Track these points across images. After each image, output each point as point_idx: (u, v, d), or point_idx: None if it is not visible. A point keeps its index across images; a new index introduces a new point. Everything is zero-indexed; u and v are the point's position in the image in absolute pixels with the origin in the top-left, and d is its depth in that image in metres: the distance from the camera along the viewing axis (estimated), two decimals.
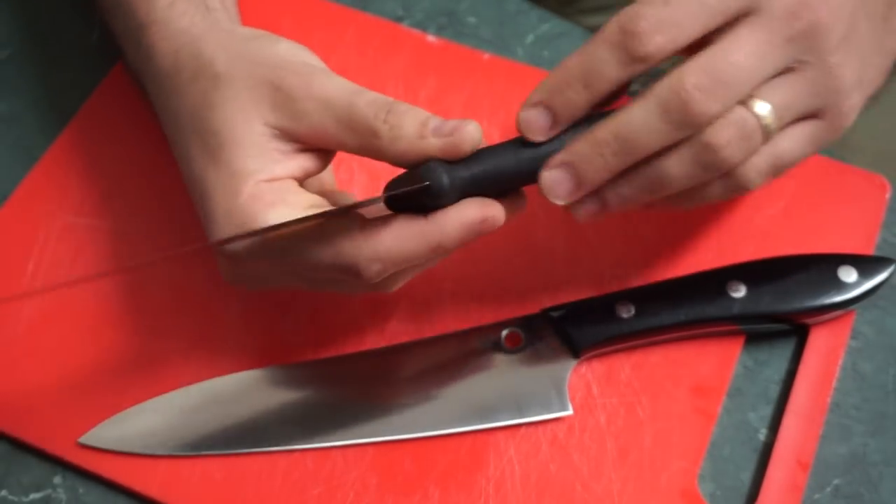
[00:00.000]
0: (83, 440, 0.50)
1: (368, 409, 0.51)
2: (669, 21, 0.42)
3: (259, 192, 0.44)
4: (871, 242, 0.55)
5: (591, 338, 0.51)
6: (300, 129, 0.45)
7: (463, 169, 0.44)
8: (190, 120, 0.47)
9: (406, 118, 0.43)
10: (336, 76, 0.46)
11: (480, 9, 0.64)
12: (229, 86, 0.46)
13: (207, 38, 0.49)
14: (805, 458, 0.50)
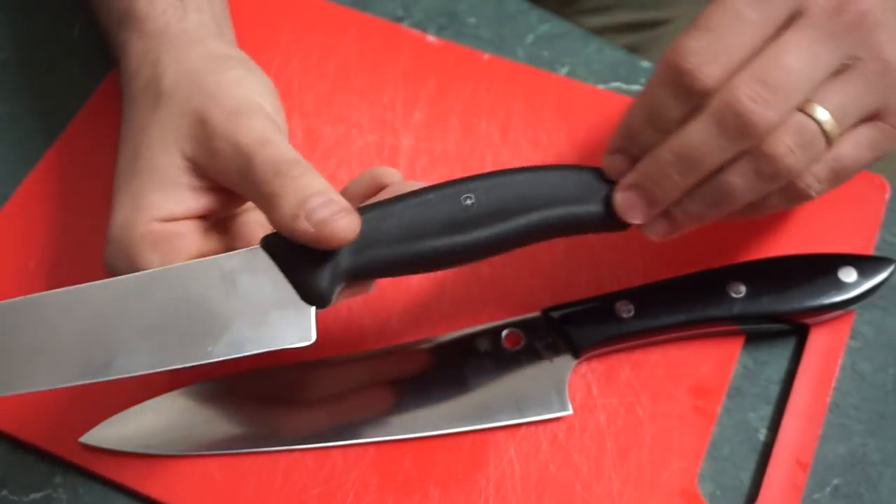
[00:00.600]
0: (84, 440, 0.50)
1: (368, 409, 0.51)
2: (716, 49, 0.42)
3: (150, 231, 0.45)
4: (871, 242, 0.55)
5: (591, 338, 0.51)
6: (211, 167, 0.45)
7: (347, 258, 0.43)
8: (129, 132, 0.48)
9: (289, 188, 0.42)
10: (262, 119, 0.45)
11: (480, 9, 0.64)
12: (165, 108, 0.46)
13: (170, 47, 0.48)
14: (804, 457, 0.50)
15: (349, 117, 0.60)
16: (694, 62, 0.42)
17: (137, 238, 0.45)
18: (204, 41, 0.50)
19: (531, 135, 0.59)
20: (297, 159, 0.43)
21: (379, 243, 0.44)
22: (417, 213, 0.44)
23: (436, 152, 0.59)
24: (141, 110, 0.47)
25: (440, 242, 0.44)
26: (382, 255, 0.44)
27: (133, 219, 0.45)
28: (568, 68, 0.62)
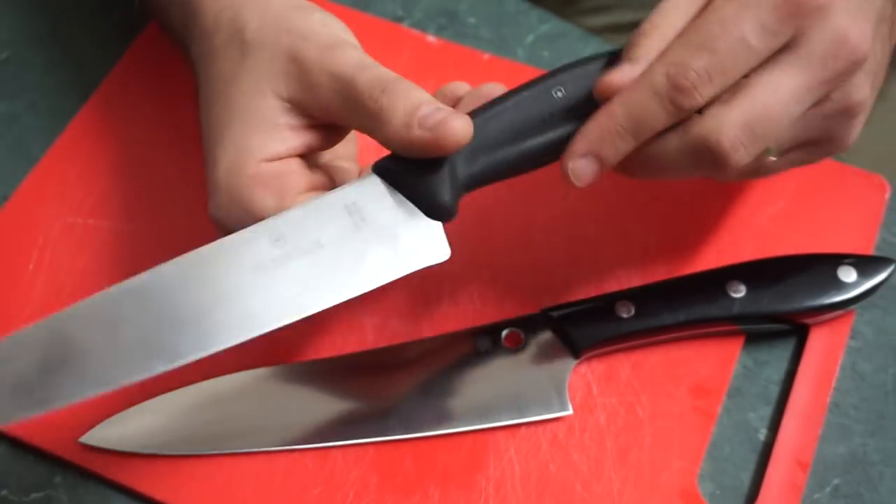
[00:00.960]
0: (84, 440, 0.50)
1: (368, 409, 0.51)
2: (717, 70, 0.42)
3: (259, 172, 0.45)
4: (871, 242, 0.55)
5: (591, 338, 0.51)
6: (310, 102, 0.45)
7: (463, 166, 0.44)
8: (216, 88, 0.47)
9: (399, 102, 0.43)
10: (355, 50, 0.45)
11: (480, 9, 0.64)
12: (253, 56, 0.46)
13: (245, 5, 0.48)
14: (804, 457, 0.50)
15: None
16: (693, 80, 0.42)
17: (247, 181, 0.45)
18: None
19: None
20: (399, 77, 0.44)
21: (487, 148, 0.45)
22: (516, 114, 0.45)
23: None
24: (225, 65, 0.47)
25: (540, 139, 0.45)
26: (493, 159, 0.45)
27: (239, 163, 0.45)
28: None
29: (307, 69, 0.45)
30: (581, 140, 0.44)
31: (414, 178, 0.44)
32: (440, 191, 0.44)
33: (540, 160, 0.46)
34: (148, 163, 0.58)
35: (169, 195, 0.57)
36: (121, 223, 0.57)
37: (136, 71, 0.62)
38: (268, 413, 0.51)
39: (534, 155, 0.45)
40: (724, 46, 0.42)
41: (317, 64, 0.45)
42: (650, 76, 0.43)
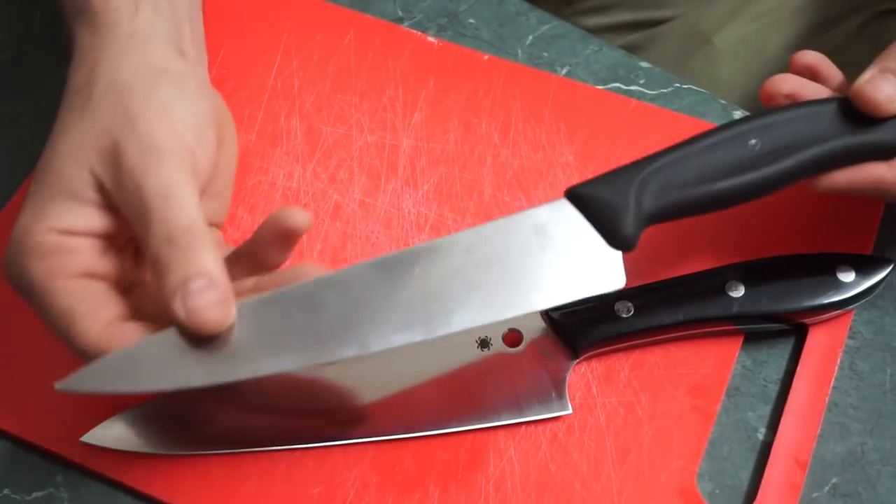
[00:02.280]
0: (85, 439, 0.50)
1: (368, 409, 0.51)
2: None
3: (42, 242, 0.44)
4: (869, 242, 0.55)
5: (591, 337, 0.51)
6: (113, 196, 0.44)
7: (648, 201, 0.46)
8: (55, 133, 0.46)
9: (175, 263, 0.42)
10: (174, 166, 0.44)
11: (480, 10, 0.65)
12: (89, 118, 0.45)
13: (111, 50, 0.47)
14: (803, 456, 0.50)
15: (349, 117, 0.60)
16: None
17: (31, 245, 0.44)
18: (148, 47, 0.48)
19: (531, 135, 0.59)
20: (190, 227, 0.42)
21: (675, 187, 0.46)
22: (709, 157, 0.47)
23: (436, 152, 0.59)
24: (68, 113, 0.46)
25: (730, 183, 0.47)
26: (679, 197, 0.47)
27: (32, 225, 0.44)
28: (567, 69, 0.62)
29: (121, 166, 0.44)
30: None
31: (601, 207, 0.46)
32: (625, 223, 0.45)
33: (726, 203, 0.48)
34: None
35: None
36: None
37: None
38: (268, 413, 0.51)
39: (721, 198, 0.47)
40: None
41: (130, 168, 0.43)
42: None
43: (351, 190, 0.58)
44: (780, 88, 0.50)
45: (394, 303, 0.44)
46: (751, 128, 0.47)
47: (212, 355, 0.42)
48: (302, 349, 0.43)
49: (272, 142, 0.59)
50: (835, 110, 0.48)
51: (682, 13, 0.73)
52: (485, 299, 0.44)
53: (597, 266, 0.45)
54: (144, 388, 0.42)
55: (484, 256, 0.45)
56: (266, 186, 0.58)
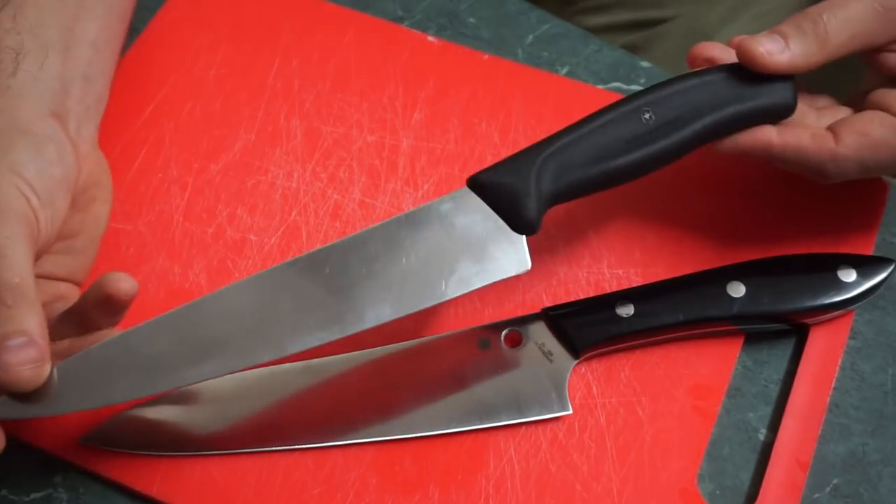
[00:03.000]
0: (84, 439, 0.50)
1: (368, 409, 0.51)
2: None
3: None
4: (870, 242, 0.55)
5: (591, 338, 0.51)
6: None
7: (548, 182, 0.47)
8: None
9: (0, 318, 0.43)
10: (12, 226, 0.45)
11: (480, 9, 0.65)
12: None
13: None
14: (804, 457, 0.50)
15: (349, 117, 0.60)
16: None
17: None
18: (17, 105, 0.49)
19: (531, 135, 0.59)
20: (18, 285, 0.44)
21: (574, 167, 0.47)
22: (605, 135, 0.48)
23: (436, 152, 0.59)
24: None
25: (627, 158, 0.48)
26: (578, 176, 0.47)
27: None
28: (568, 68, 0.62)
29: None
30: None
31: (502, 193, 0.46)
32: (526, 207, 0.46)
33: (624, 178, 0.49)
34: (144, 162, 0.58)
35: (163, 194, 0.57)
36: (119, 222, 0.57)
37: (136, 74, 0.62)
38: (268, 413, 0.51)
39: (619, 174, 0.48)
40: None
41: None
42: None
43: (351, 190, 0.58)
44: (701, 53, 0.52)
45: (306, 304, 0.45)
46: (644, 102, 0.48)
47: (136, 370, 0.44)
48: (221, 357, 0.45)
49: (272, 142, 0.59)
50: (722, 78, 0.49)
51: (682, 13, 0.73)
52: (395, 294, 0.46)
53: (502, 251, 0.47)
54: (66, 407, 0.44)
55: (392, 251, 0.46)
56: (266, 186, 0.58)
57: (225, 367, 0.45)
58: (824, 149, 0.49)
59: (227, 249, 0.56)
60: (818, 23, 0.49)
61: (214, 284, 0.55)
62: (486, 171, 0.48)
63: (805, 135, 0.49)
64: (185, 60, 0.62)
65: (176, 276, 0.55)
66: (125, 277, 0.45)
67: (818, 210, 0.56)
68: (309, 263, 0.46)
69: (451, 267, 0.46)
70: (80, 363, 0.44)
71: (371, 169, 0.58)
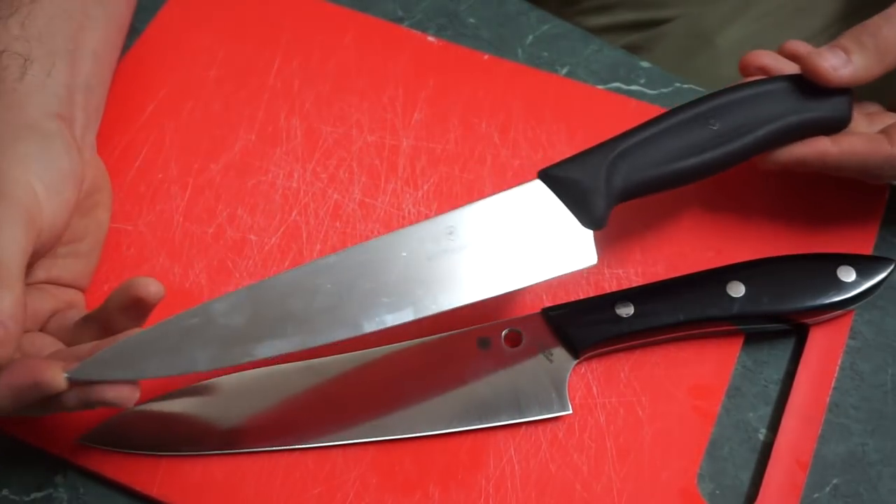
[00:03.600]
0: (84, 440, 0.50)
1: (368, 409, 0.51)
2: None
3: None
4: (870, 242, 0.55)
5: (591, 338, 0.51)
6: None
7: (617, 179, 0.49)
8: None
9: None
10: (10, 207, 0.46)
11: (480, 10, 0.65)
12: None
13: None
14: (804, 457, 0.50)
15: (349, 117, 0.60)
16: None
17: None
18: (24, 105, 0.50)
19: (531, 135, 0.59)
20: (7, 278, 0.44)
21: (643, 167, 0.49)
22: (673, 138, 0.50)
23: (436, 152, 0.59)
24: None
25: (693, 161, 0.50)
26: (647, 176, 0.49)
27: None
28: (568, 69, 0.62)
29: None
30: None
31: (573, 187, 0.48)
32: (595, 203, 0.48)
33: (688, 180, 0.50)
34: (143, 163, 0.59)
35: (163, 194, 0.57)
36: (119, 222, 0.57)
37: (137, 74, 0.62)
38: (268, 413, 0.51)
39: (684, 176, 0.50)
40: None
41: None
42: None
43: (351, 190, 0.58)
44: (754, 61, 0.53)
45: (383, 286, 0.46)
46: (710, 108, 0.50)
47: (215, 340, 0.45)
48: (298, 333, 0.45)
49: (272, 142, 0.59)
50: (784, 88, 0.51)
51: (684, 13, 0.73)
52: (466, 281, 0.47)
53: (570, 245, 0.48)
54: (150, 373, 0.44)
55: (464, 237, 0.47)
56: (266, 186, 0.58)
57: (301, 343, 0.45)
58: (881, 152, 0.50)
59: (228, 249, 0.56)
60: (878, 36, 0.50)
61: (215, 284, 0.55)
62: (557, 165, 0.49)
63: (859, 141, 0.51)
64: (185, 60, 0.62)
65: (176, 275, 0.55)
66: (153, 282, 0.45)
67: (818, 210, 0.56)
68: (385, 245, 0.47)
69: (520, 257, 0.47)
70: (161, 331, 0.45)
71: (371, 169, 0.58)
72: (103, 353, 0.44)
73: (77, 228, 0.51)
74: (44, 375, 0.43)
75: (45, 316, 0.50)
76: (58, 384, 0.43)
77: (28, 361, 0.44)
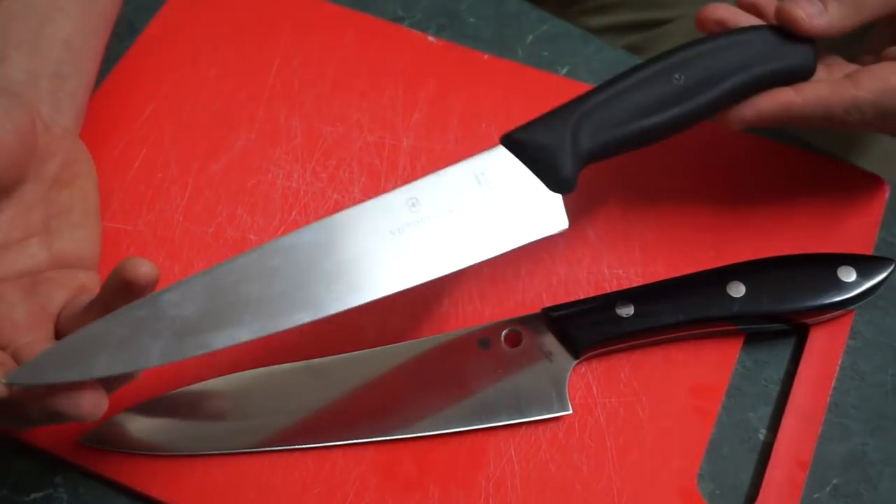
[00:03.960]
0: (84, 440, 0.50)
1: (368, 409, 0.51)
2: None
3: None
4: (871, 242, 0.55)
5: (591, 338, 0.51)
6: None
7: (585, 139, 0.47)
8: None
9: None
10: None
11: (480, 9, 0.65)
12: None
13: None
14: (804, 457, 0.50)
15: (349, 117, 0.60)
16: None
17: None
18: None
19: None
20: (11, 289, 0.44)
21: (609, 125, 0.48)
22: (638, 95, 0.49)
23: (436, 152, 0.59)
24: None
25: (659, 118, 0.49)
26: (613, 135, 0.48)
27: None
28: (568, 68, 0.62)
29: None
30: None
31: (538, 151, 0.46)
32: (562, 165, 0.47)
33: (656, 137, 0.50)
34: (143, 163, 0.59)
35: (163, 194, 0.57)
36: (119, 222, 0.57)
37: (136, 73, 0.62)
38: (268, 413, 0.51)
39: (651, 132, 0.49)
40: None
41: None
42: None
43: (351, 190, 0.58)
44: (711, 15, 0.52)
45: (358, 263, 0.44)
46: (674, 63, 0.49)
47: (167, 333, 0.42)
48: (256, 319, 0.43)
49: (272, 142, 0.59)
50: (746, 40, 0.50)
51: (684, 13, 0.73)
52: (433, 254, 0.45)
53: (539, 210, 0.46)
54: (98, 371, 0.41)
55: (429, 210, 0.46)
56: (266, 186, 0.58)
57: (261, 330, 0.43)
58: (846, 94, 0.50)
59: (228, 249, 0.56)
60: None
61: None
62: (520, 128, 0.48)
63: (823, 86, 0.50)
64: (185, 60, 0.62)
65: (176, 275, 0.55)
66: (144, 262, 0.43)
67: (818, 210, 0.56)
68: (345, 220, 0.45)
69: (488, 226, 0.46)
70: (109, 325, 0.42)
71: (371, 169, 0.58)
72: (46, 352, 0.41)
73: (61, 200, 0.51)
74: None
75: (56, 310, 0.48)
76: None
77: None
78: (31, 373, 0.41)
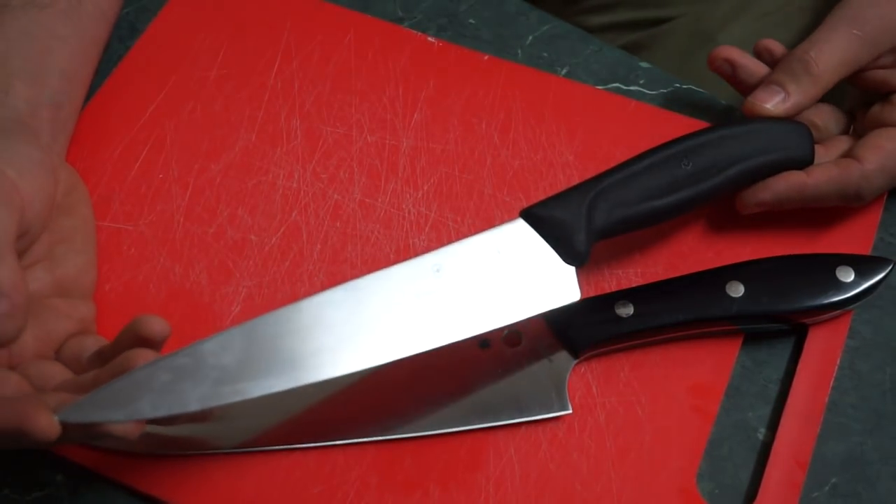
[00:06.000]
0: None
1: (368, 409, 0.51)
2: None
3: None
4: (869, 242, 0.55)
5: (591, 338, 0.51)
6: None
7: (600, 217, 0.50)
8: None
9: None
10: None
11: (480, 10, 0.65)
12: None
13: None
14: (803, 456, 0.50)
15: (349, 117, 0.60)
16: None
17: None
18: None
19: (531, 135, 0.59)
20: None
21: (622, 205, 0.51)
22: (649, 178, 0.51)
23: (436, 152, 0.59)
24: None
25: (668, 200, 0.52)
26: (625, 214, 0.51)
27: None
28: (567, 69, 0.62)
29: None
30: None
31: (555, 226, 0.49)
32: (577, 240, 0.49)
33: (665, 217, 0.52)
34: (143, 163, 0.59)
35: (164, 195, 0.57)
36: (119, 222, 0.57)
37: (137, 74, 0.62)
38: (268, 412, 0.51)
39: (661, 213, 0.52)
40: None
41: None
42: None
43: (351, 190, 0.58)
44: (720, 54, 0.58)
45: (385, 324, 0.47)
46: (683, 149, 0.52)
47: (206, 380, 0.44)
48: (288, 373, 0.45)
49: (272, 142, 0.59)
50: (750, 131, 0.53)
51: (685, 12, 0.73)
52: (454, 318, 0.47)
53: (553, 281, 0.48)
54: (142, 413, 0.43)
55: (451, 276, 0.48)
56: (266, 186, 0.58)
57: (293, 382, 0.45)
58: (854, 171, 0.53)
59: (228, 249, 0.56)
60: (808, 62, 0.54)
61: (215, 284, 0.55)
62: (539, 204, 0.50)
63: (831, 167, 0.53)
64: (185, 61, 0.62)
65: (177, 276, 0.55)
66: (158, 320, 0.45)
67: (817, 210, 0.56)
68: (373, 283, 0.47)
69: (506, 295, 0.48)
70: (151, 371, 0.44)
71: (371, 169, 0.58)
72: (94, 394, 0.43)
73: (66, 228, 0.52)
74: (34, 422, 0.41)
75: (59, 339, 0.49)
76: (49, 431, 0.42)
77: (16, 402, 0.43)
78: (81, 412, 0.43)
